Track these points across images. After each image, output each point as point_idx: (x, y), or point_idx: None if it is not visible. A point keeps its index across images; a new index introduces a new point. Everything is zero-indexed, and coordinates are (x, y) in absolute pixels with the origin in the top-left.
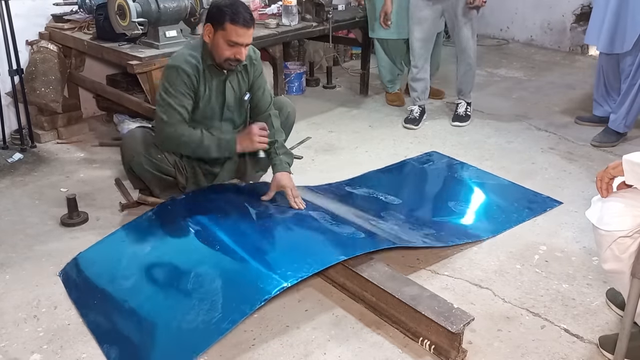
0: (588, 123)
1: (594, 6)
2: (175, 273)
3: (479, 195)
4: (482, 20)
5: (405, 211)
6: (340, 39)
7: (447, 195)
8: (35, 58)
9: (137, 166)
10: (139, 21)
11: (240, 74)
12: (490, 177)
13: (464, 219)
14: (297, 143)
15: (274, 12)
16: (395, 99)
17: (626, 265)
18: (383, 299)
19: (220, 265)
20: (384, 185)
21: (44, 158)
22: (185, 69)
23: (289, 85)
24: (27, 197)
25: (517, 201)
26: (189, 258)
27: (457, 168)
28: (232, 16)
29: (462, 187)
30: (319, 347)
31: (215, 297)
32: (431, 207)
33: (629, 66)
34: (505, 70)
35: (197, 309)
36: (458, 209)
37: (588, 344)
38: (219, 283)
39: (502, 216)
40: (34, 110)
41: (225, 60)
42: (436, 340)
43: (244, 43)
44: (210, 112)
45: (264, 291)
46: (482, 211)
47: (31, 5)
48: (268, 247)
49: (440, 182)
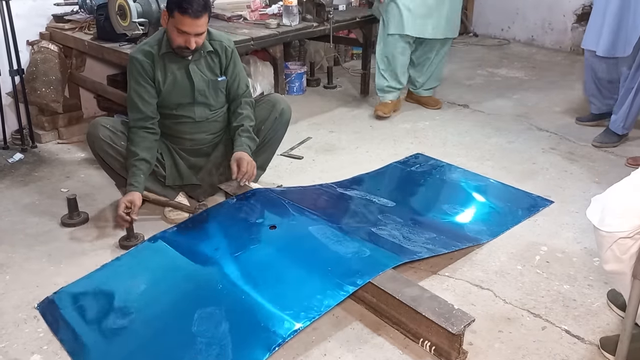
0: (588, 123)
1: (593, 11)
2: (176, 314)
3: (472, 197)
4: (483, 20)
5: (402, 214)
6: (341, 39)
7: (440, 198)
8: (36, 58)
9: (99, 151)
10: (139, 21)
11: (209, 58)
12: (480, 179)
13: (461, 221)
14: (297, 143)
15: (274, 12)
16: (379, 108)
17: (627, 266)
18: (383, 299)
19: (227, 305)
20: (374, 187)
21: (44, 158)
22: (137, 57)
23: (289, 85)
24: (27, 197)
25: (510, 202)
26: (190, 297)
27: (445, 170)
28: (180, 5)
29: (453, 189)
30: (319, 348)
31: (224, 341)
32: (427, 210)
33: (627, 69)
34: (506, 70)
35: (205, 355)
36: (453, 212)
37: (589, 345)
38: (226, 326)
39: (497, 218)
40: (34, 111)
41: (177, 47)
42: (437, 342)
43: (192, 32)
44: (179, 97)
45: (277, 335)
46: (477, 213)
47: (32, 5)
48: (274, 281)
49: (430, 185)
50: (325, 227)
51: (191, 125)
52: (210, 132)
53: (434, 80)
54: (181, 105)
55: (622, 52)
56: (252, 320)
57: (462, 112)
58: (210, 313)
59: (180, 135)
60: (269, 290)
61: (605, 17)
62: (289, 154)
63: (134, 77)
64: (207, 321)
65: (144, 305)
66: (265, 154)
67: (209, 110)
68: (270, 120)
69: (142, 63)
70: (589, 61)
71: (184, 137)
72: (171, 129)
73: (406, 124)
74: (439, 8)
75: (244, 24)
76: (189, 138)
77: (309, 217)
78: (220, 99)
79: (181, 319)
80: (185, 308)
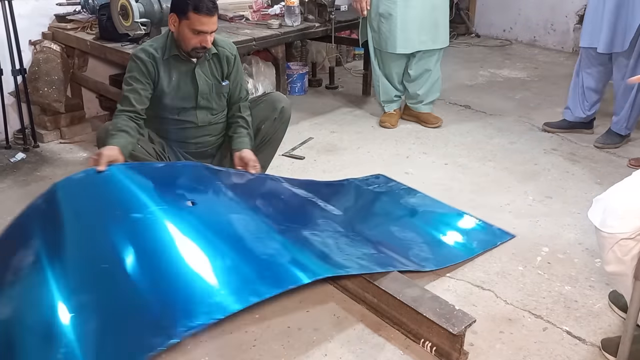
0: (557, 129)
1: (588, 9)
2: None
3: (425, 224)
4: (485, 20)
5: (346, 224)
6: (343, 39)
7: (391, 219)
8: (38, 58)
9: None
10: (141, 21)
11: (212, 62)
12: (439, 206)
13: (408, 245)
14: (299, 143)
15: (276, 12)
16: (386, 120)
17: (628, 267)
18: (384, 300)
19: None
20: (324, 195)
21: (46, 158)
22: (140, 56)
23: (291, 85)
24: (29, 197)
25: (466, 234)
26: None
27: (403, 193)
28: (195, 5)
29: (407, 213)
30: (320, 349)
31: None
32: (373, 227)
33: (624, 67)
34: (509, 70)
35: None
36: (401, 235)
37: (590, 346)
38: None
39: (446, 250)
40: (36, 110)
41: (192, 49)
42: (437, 342)
43: (209, 31)
44: (182, 101)
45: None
46: (426, 241)
47: (34, 5)
48: (165, 270)
49: (384, 205)
50: (249, 217)
51: (194, 130)
52: (213, 134)
53: (433, 92)
54: (183, 110)
55: (620, 47)
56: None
57: (464, 113)
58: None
59: (184, 140)
60: (154, 286)
61: (603, 13)
62: (291, 154)
63: (133, 74)
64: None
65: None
66: (265, 153)
67: (211, 115)
68: (271, 119)
69: (145, 63)
70: (583, 63)
71: (188, 141)
72: (176, 134)
73: (408, 125)
74: (425, 21)
75: (246, 24)
76: (194, 142)
77: (235, 202)
78: (222, 103)
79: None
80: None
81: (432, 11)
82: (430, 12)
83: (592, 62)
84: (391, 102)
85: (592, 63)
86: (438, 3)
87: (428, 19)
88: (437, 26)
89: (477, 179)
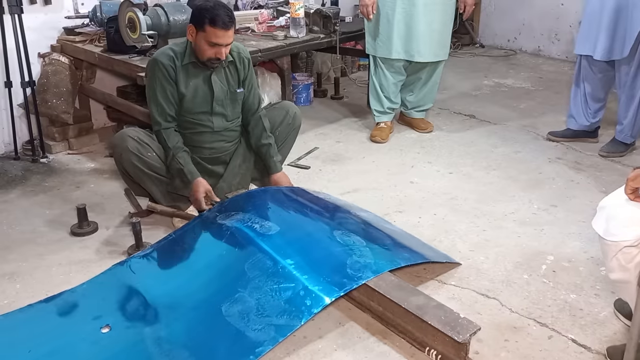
0: (561, 138)
1: (585, 16)
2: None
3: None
4: (489, 30)
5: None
6: (348, 50)
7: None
8: (47, 70)
9: (126, 164)
10: (149, 34)
11: (228, 69)
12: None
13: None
14: (304, 153)
15: (282, 24)
16: (377, 134)
17: (632, 275)
18: (389, 308)
19: None
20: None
21: (54, 168)
22: (162, 60)
23: (296, 96)
24: (37, 207)
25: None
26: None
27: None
28: (211, 19)
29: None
30: (325, 357)
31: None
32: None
33: (626, 75)
34: (513, 80)
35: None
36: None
37: (596, 354)
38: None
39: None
40: (45, 122)
41: (207, 60)
42: (443, 350)
43: (224, 44)
44: (199, 106)
45: None
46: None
47: (43, 18)
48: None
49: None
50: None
51: (210, 135)
52: (228, 141)
53: (426, 101)
54: (200, 115)
55: (619, 54)
56: None
57: (468, 122)
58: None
59: (200, 145)
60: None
61: (601, 20)
62: (297, 163)
63: (158, 79)
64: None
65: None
66: None
67: (226, 121)
68: (284, 124)
69: (166, 67)
70: (584, 71)
71: (203, 146)
72: (191, 139)
73: (413, 134)
74: (427, 30)
75: (252, 36)
76: (208, 147)
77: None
78: (237, 110)
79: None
80: None
81: (432, 24)
82: (431, 25)
83: (592, 70)
84: (383, 114)
85: (592, 70)
86: (440, 17)
87: (428, 32)
88: (437, 40)
89: (482, 187)
